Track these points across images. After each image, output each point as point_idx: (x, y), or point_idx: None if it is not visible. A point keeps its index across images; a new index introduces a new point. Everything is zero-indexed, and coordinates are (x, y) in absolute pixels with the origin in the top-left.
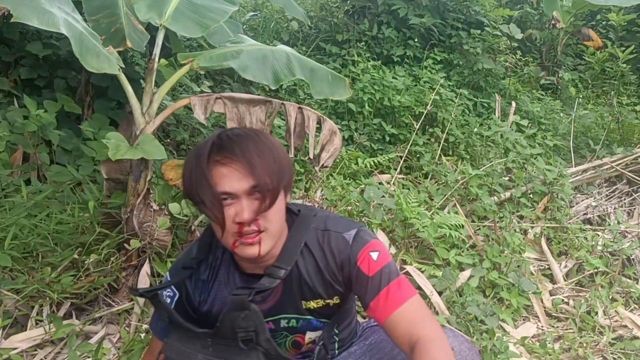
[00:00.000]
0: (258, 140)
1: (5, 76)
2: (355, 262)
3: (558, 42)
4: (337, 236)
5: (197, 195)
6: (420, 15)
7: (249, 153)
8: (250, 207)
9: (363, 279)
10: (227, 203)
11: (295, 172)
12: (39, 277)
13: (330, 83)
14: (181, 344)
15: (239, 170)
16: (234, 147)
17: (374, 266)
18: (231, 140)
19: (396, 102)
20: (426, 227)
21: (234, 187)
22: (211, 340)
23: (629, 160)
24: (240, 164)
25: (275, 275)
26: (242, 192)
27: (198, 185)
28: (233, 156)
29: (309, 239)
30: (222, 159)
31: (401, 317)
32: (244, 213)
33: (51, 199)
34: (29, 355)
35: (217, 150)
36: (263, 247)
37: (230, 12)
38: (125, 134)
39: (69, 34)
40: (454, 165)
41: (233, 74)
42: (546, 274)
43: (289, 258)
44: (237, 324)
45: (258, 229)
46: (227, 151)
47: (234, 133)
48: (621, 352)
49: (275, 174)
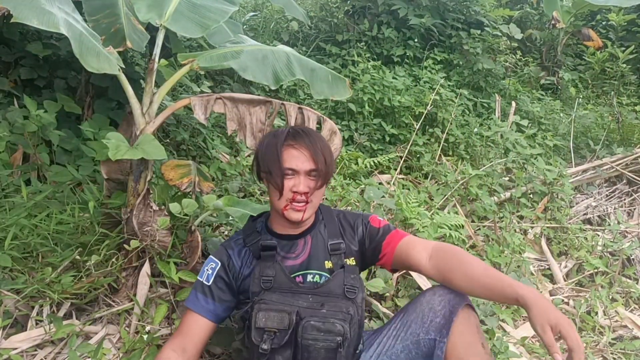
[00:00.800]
0: (321, 138)
1: (5, 76)
2: (367, 222)
3: (558, 42)
4: (350, 213)
5: (267, 166)
6: (420, 16)
7: (315, 144)
8: (305, 183)
9: (374, 230)
10: (288, 177)
11: None
12: (39, 277)
13: (330, 83)
14: (280, 296)
15: (305, 155)
16: (304, 137)
17: (382, 223)
18: (304, 132)
19: (396, 102)
20: (426, 227)
21: (298, 166)
22: (312, 295)
23: (629, 160)
24: (308, 150)
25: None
26: (303, 171)
27: (270, 159)
28: (303, 143)
29: (331, 215)
30: (295, 143)
31: (410, 239)
32: (300, 186)
33: (51, 199)
34: (29, 355)
35: (292, 137)
36: (306, 214)
37: (230, 12)
38: (125, 134)
39: (69, 34)
40: (454, 165)
41: (233, 74)
42: (546, 274)
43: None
44: (346, 281)
45: (306, 200)
46: (300, 139)
47: (303, 129)
48: (621, 352)
49: (329, 166)
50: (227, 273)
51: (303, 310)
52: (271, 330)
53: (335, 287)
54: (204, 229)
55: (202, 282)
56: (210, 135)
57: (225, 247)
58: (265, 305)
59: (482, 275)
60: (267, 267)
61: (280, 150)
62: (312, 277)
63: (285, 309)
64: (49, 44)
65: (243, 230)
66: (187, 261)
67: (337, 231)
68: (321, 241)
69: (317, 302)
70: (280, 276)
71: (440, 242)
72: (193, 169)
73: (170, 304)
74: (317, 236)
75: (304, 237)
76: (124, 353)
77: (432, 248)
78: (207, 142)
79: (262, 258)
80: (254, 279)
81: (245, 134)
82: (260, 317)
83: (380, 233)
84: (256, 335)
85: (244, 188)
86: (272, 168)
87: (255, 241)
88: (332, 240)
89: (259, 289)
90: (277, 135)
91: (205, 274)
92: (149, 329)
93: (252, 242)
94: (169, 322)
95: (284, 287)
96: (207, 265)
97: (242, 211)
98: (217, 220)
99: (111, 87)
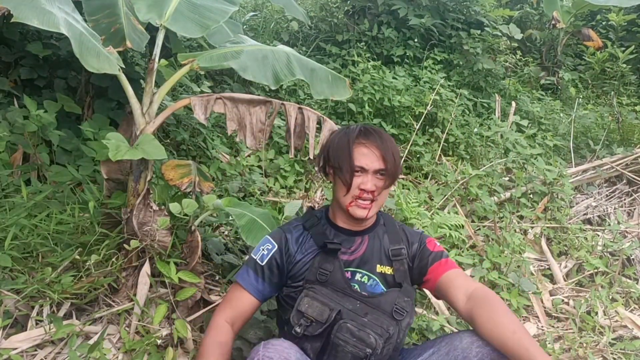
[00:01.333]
0: (390, 139)
1: (5, 76)
2: (424, 243)
3: (558, 42)
4: (410, 228)
5: (337, 162)
6: (420, 16)
7: (386, 145)
8: (372, 181)
9: (427, 252)
10: (357, 174)
11: (295, 173)
12: (39, 277)
13: (330, 83)
14: (331, 291)
15: (375, 154)
16: (376, 137)
17: (437, 247)
18: (375, 131)
19: (396, 102)
20: (426, 227)
21: (368, 165)
22: (361, 302)
23: (629, 160)
24: (378, 150)
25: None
26: (372, 169)
27: (341, 155)
28: (375, 142)
29: (392, 223)
30: (366, 142)
31: (457, 274)
32: (368, 184)
33: (51, 199)
34: (29, 355)
35: (364, 135)
36: (370, 212)
37: (230, 12)
38: (125, 134)
39: (69, 34)
40: (454, 165)
41: (233, 74)
42: (546, 274)
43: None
44: (398, 301)
45: (372, 199)
46: (372, 137)
47: (375, 129)
48: (621, 352)
49: (397, 167)
50: (282, 257)
51: (346, 311)
52: (309, 317)
53: (385, 304)
54: (204, 229)
55: (255, 260)
56: (210, 135)
57: (284, 230)
58: (314, 293)
59: (509, 338)
60: (327, 260)
61: (352, 147)
62: (361, 277)
63: (329, 303)
64: (49, 44)
65: (303, 217)
66: (187, 261)
67: (399, 237)
68: (377, 244)
69: (362, 310)
70: (337, 273)
71: (482, 288)
72: (193, 169)
73: (170, 304)
74: (374, 238)
75: (362, 236)
76: (124, 353)
77: (471, 293)
78: (207, 142)
79: (326, 251)
80: (311, 268)
81: (245, 134)
82: (304, 302)
83: (431, 257)
84: (295, 316)
85: (244, 188)
86: (342, 164)
87: (318, 230)
88: (394, 245)
89: (314, 278)
90: (348, 133)
91: (260, 253)
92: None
93: (316, 231)
94: (169, 322)
95: (337, 285)
96: (263, 245)
97: (242, 211)
98: (217, 220)
99: (111, 87)
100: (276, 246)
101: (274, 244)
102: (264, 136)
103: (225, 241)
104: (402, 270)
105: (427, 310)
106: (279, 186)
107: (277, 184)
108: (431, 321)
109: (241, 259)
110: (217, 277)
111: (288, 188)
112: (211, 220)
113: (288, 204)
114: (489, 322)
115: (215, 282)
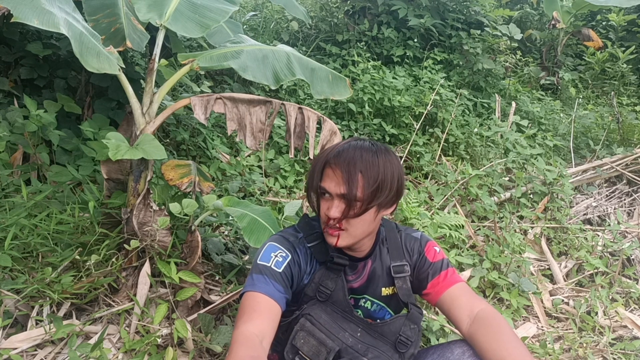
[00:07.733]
0: (370, 158)
1: (5, 76)
2: (423, 252)
3: (558, 43)
4: (409, 235)
5: (310, 182)
6: (420, 16)
7: (353, 166)
8: (338, 208)
9: (426, 264)
10: (325, 197)
11: (295, 173)
12: (39, 277)
13: (330, 83)
14: (330, 318)
15: (337, 177)
16: (344, 157)
17: (436, 256)
18: (348, 150)
19: (396, 103)
20: (426, 228)
21: (331, 188)
22: (362, 329)
23: (629, 160)
24: (340, 173)
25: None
26: (335, 194)
27: (312, 175)
28: (339, 164)
29: (394, 236)
30: (333, 162)
31: (460, 291)
32: (331, 210)
33: (51, 199)
34: (29, 355)
35: (334, 154)
36: (340, 242)
37: (230, 12)
38: (125, 134)
39: (69, 34)
40: (454, 165)
41: (233, 74)
42: (546, 274)
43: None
44: (403, 330)
45: (339, 227)
46: (339, 158)
47: (358, 145)
48: (621, 352)
49: (369, 192)
50: (295, 267)
51: (344, 349)
52: (305, 356)
53: (389, 333)
54: (204, 229)
55: (271, 268)
56: (210, 135)
57: (292, 243)
58: (311, 325)
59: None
60: (329, 277)
61: (320, 166)
62: (364, 302)
63: (327, 342)
64: (49, 43)
65: (301, 228)
66: (187, 261)
67: (400, 253)
68: (379, 266)
69: (363, 343)
70: (338, 293)
71: (487, 309)
72: (193, 169)
73: (170, 304)
74: (376, 259)
75: (364, 261)
76: (124, 353)
77: (476, 315)
78: (207, 142)
79: (329, 267)
80: (311, 283)
81: (245, 134)
82: (299, 336)
83: (431, 270)
84: (290, 350)
85: (244, 188)
86: (310, 185)
87: (321, 247)
88: (396, 262)
89: (312, 294)
90: (327, 150)
91: (274, 260)
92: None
93: (318, 249)
94: (169, 322)
95: (338, 305)
96: (274, 252)
97: (242, 211)
98: (217, 220)
99: (111, 87)
100: (290, 256)
101: (287, 253)
102: (264, 136)
103: (225, 241)
104: (405, 288)
105: (427, 311)
106: (279, 186)
107: (277, 184)
108: (431, 321)
109: (241, 259)
110: (217, 277)
111: (288, 188)
112: (211, 220)
113: (288, 204)
114: (493, 353)
115: (215, 282)
